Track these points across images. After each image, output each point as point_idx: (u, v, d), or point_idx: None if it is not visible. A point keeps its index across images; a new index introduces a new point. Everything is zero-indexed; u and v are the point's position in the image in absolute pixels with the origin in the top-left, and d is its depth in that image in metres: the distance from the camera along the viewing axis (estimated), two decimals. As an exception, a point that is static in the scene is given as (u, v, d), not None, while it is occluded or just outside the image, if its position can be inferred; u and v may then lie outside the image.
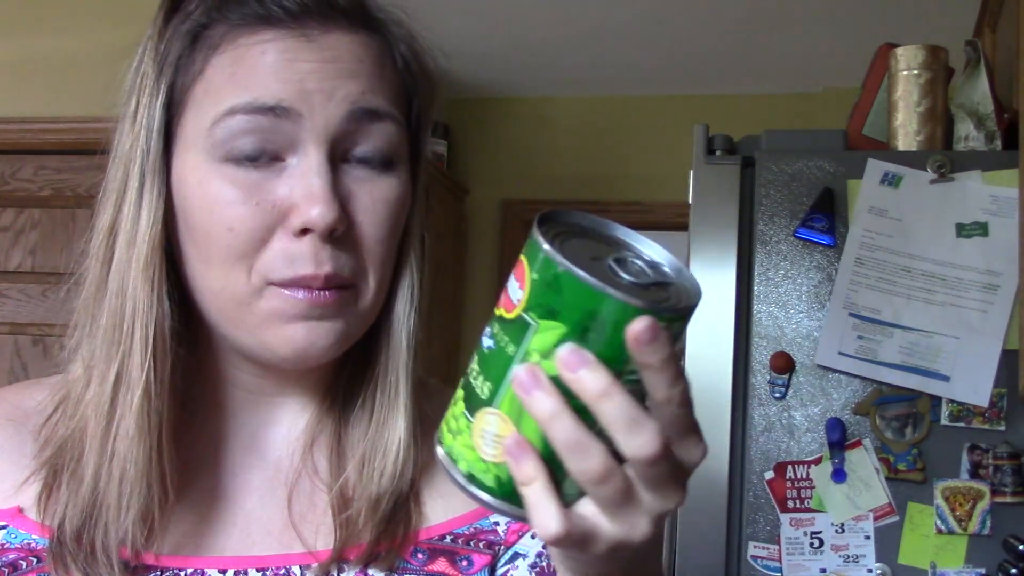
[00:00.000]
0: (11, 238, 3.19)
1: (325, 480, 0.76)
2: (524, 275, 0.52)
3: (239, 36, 0.71)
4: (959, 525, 1.77)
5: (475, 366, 0.53)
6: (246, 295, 0.70)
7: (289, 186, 0.69)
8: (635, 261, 0.53)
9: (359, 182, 0.71)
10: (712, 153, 1.95)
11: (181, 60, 0.72)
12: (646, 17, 3.21)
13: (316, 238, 0.69)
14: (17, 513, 0.71)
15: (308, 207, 0.68)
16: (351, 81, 0.71)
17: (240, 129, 0.69)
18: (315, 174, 0.69)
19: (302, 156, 0.70)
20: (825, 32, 3.21)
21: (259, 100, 0.69)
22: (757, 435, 1.85)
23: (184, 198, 0.71)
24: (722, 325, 1.90)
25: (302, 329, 0.70)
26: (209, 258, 0.70)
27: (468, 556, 0.77)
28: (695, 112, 3.35)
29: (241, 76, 0.70)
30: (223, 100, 0.70)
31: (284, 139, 0.69)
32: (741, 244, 1.91)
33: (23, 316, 3.13)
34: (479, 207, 3.92)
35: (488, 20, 3.27)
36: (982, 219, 1.82)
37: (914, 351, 1.80)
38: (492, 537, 0.78)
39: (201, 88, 0.71)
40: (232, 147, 0.69)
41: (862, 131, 2.01)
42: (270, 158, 0.70)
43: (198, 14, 0.72)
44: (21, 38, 3.26)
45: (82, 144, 3.16)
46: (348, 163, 0.71)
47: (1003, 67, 2.06)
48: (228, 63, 0.70)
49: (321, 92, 0.69)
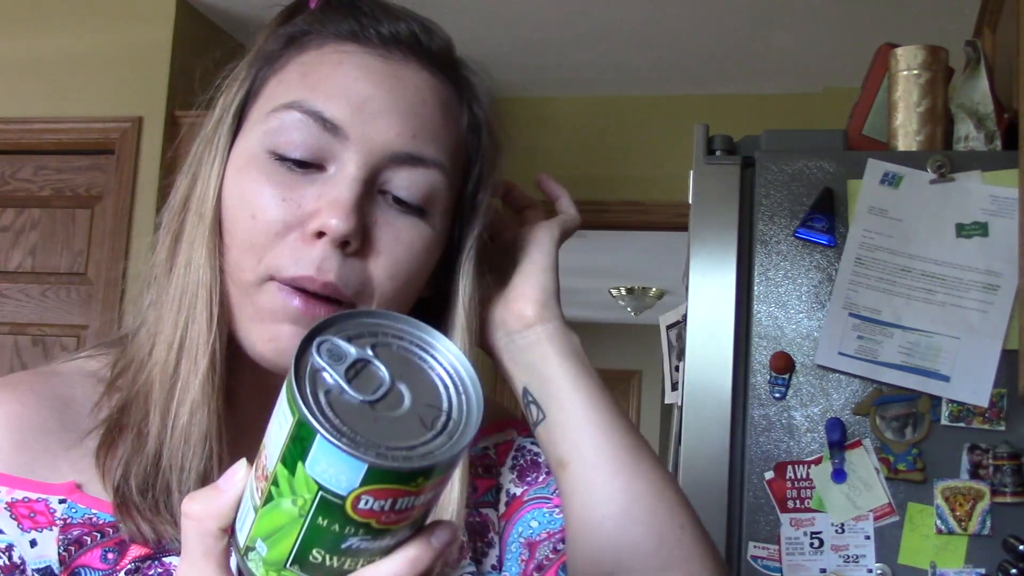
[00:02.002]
0: (11, 238, 3.19)
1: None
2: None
3: (326, 44, 0.75)
4: (959, 525, 1.77)
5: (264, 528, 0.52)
6: (249, 284, 0.72)
7: (319, 193, 0.71)
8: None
9: (388, 217, 0.73)
10: (712, 153, 1.95)
11: (271, 56, 0.76)
12: (646, 17, 3.21)
13: (328, 245, 0.70)
14: (75, 488, 0.72)
15: (329, 214, 0.70)
16: (410, 119, 0.73)
17: (292, 126, 0.71)
18: (346, 186, 0.70)
19: (339, 169, 0.72)
20: (825, 32, 3.21)
21: (316, 106, 0.71)
22: (757, 435, 1.85)
23: (230, 178, 0.74)
24: (722, 325, 1.90)
25: (287, 332, 0.71)
26: (231, 240, 0.73)
27: (472, 483, 0.81)
28: (695, 112, 3.35)
29: (311, 77, 0.73)
30: (289, 94, 0.73)
31: (329, 151, 0.71)
32: (741, 244, 1.91)
33: (23, 316, 3.13)
34: (479, 207, 3.92)
35: (488, 20, 3.27)
36: (982, 219, 1.82)
37: (914, 351, 1.80)
38: (487, 461, 0.84)
39: (276, 80, 0.75)
40: (279, 141, 0.72)
41: (862, 131, 2.01)
42: (311, 166, 0.72)
43: (302, 22, 0.77)
44: (21, 38, 3.26)
45: (82, 144, 3.16)
46: (383, 196, 0.73)
47: (1003, 67, 2.06)
48: (307, 63, 0.74)
49: (376, 121, 0.72)
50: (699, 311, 1.92)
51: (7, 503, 0.70)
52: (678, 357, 2.35)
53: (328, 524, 0.49)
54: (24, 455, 0.72)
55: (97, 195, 3.15)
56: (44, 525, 0.71)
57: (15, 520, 0.70)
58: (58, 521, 0.71)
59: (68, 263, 3.13)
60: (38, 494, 0.71)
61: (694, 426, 1.89)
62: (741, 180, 1.93)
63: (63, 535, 0.70)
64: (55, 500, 0.71)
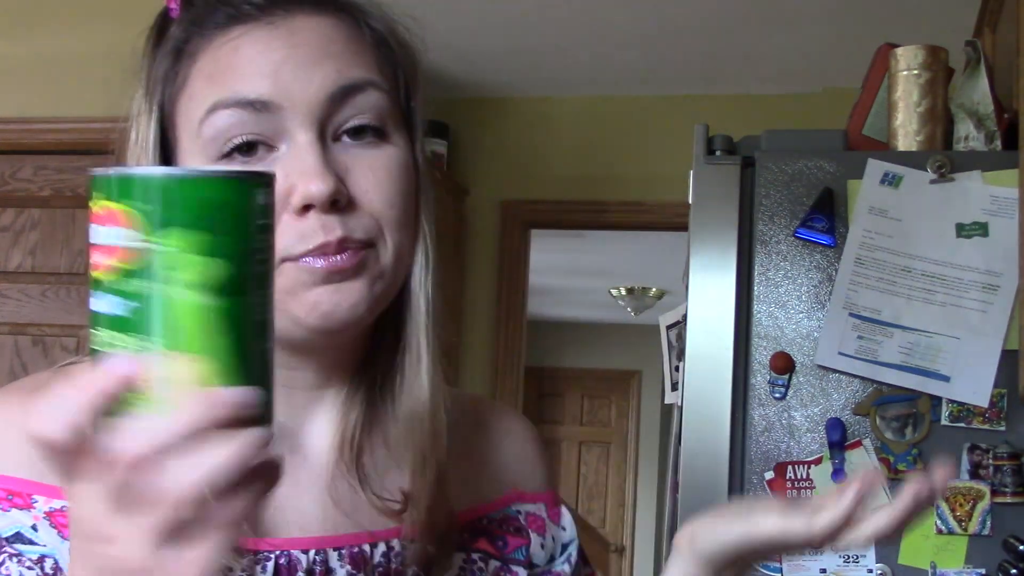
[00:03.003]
0: (11, 238, 3.19)
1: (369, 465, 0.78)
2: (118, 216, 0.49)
3: (213, 39, 0.73)
4: (959, 525, 1.77)
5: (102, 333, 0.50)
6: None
7: (284, 171, 0.70)
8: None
9: (355, 157, 0.73)
10: (712, 153, 1.95)
11: (167, 77, 0.75)
12: (646, 17, 3.21)
13: (319, 212, 0.70)
14: None
15: (305, 184, 0.70)
16: (325, 62, 0.72)
17: (225, 124, 0.71)
18: (305, 153, 0.70)
19: (290, 142, 0.71)
20: (825, 32, 3.21)
21: (239, 94, 0.71)
22: (757, 435, 1.85)
23: None
24: (722, 325, 1.90)
25: (324, 293, 0.71)
26: None
27: (503, 537, 0.82)
28: (695, 112, 3.35)
29: (218, 75, 0.72)
30: (205, 101, 0.72)
31: (271, 130, 0.71)
32: (741, 244, 1.91)
33: (23, 316, 3.13)
34: (479, 207, 3.92)
35: (488, 20, 3.27)
36: (982, 219, 1.82)
37: (914, 351, 1.80)
38: (518, 524, 0.84)
39: (185, 97, 0.74)
40: (222, 143, 0.71)
41: (862, 131, 2.01)
42: (262, 149, 0.71)
43: (178, 32, 0.75)
44: (21, 38, 3.26)
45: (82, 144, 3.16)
46: (340, 141, 0.73)
47: (1003, 67, 2.06)
48: (205, 67, 0.73)
49: (297, 80, 0.71)
50: (699, 311, 1.92)
51: (47, 512, 0.70)
52: (678, 357, 2.36)
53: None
54: None
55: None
56: None
57: (55, 529, 0.69)
58: None
59: (68, 263, 3.13)
60: None
61: (694, 426, 1.89)
62: (741, 180, 1.93)
63: None
64: None
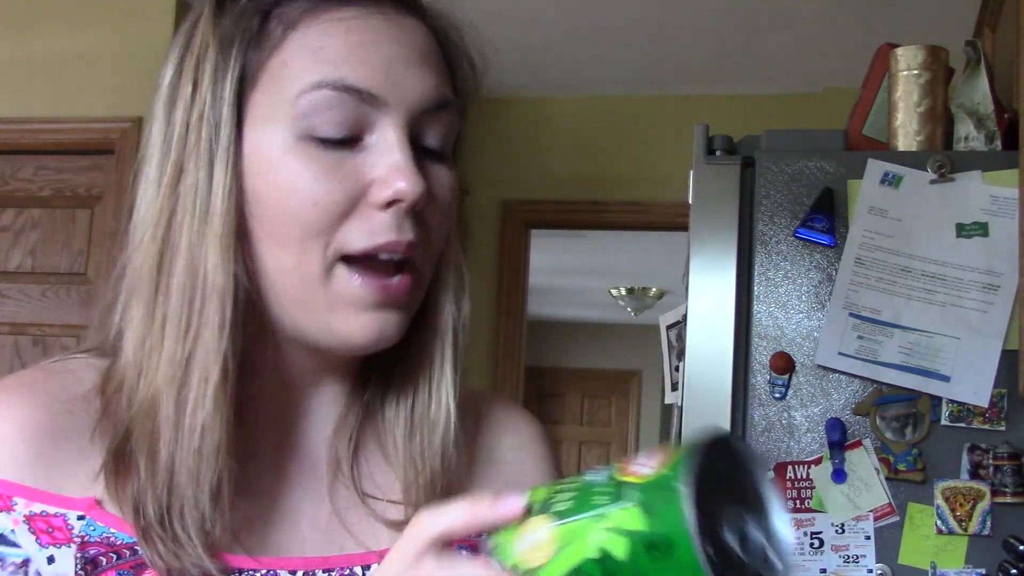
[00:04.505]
0: (11, 238, 3.19)
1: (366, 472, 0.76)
2: (656, 470, 0.53)
3: (319, 12, 0.71)
4: (959, 525, 1.77)
5: (571, 482, 0.56)
6: (318, 274, 0.70)
7: (371, 163, 0.70)
8: (753, 534, 0.54)
9: (429, 169, 0.72)
10: (712, 153, 1.95)
11: (253, 36, 0.71)
12: (646, 17, 3.21)
13: (400, 210, 0.69)
14: (94, 504, 0.69)
15: (395, 179, 0.69)
16: (429, 69, 0.72)
17: (326, 104, 0.69)
18: (398, 150, 0.70)
19: (381, 135, 0.70)
20: (825, 32, 3.21)
21: (348, 80, 0.69)
22: (757, 435, 1.85)
23: (259, 174, 0.70)
24: (722, 325, 1.90)
25: (375, 320, 0.71)
26: (285, 235, 0.70)
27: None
28: (695, 112, 3.35)
29: (328, 52, 0.70)
30: (308, 73, 0.70)
31: (365, 121, 0.70)
32: (741, 244, 1.91)
33: (23, 316, 3.13)
34: (479, 207, 3.92)
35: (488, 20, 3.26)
36: (982, 219, 1.82)
37: (914, 351, 1.80)
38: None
39: (278, 62, 0.71)
40: (315, 122, 0.69)
41: (862, 131, 2.01)
42: (351, 140, 0.70)
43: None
44: (22, 38, 3.26)
45: (82, 144, 3.16)
46: (418, 151, 0.72)
47: (1003, 67, 2.06)
48: (311, 38, 0.70)
49: (405, 78, 0.71)
50: (699, 311, 1.92)
51: (26, 516, 0.68)
52: (678, 357, 2.35)
53: None
54: (41, 464, 0.69)
55: (97, 195, 3.15)
56: (62, 541, 0.68)
57: (33, 534, 0.68)
58: (76, 538, 0.68)
59: (68, 263, 3.13)
60: (57, 508, 0.69)
61: (694, 426, 1.89)
62: (741, 180, 1.93)
63: (80, 553, 0.68)
64: (74, 516, 0.69)
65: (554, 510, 0.55)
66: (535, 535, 0.54)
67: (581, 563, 0.52)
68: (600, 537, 0.52)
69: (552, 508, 0.55)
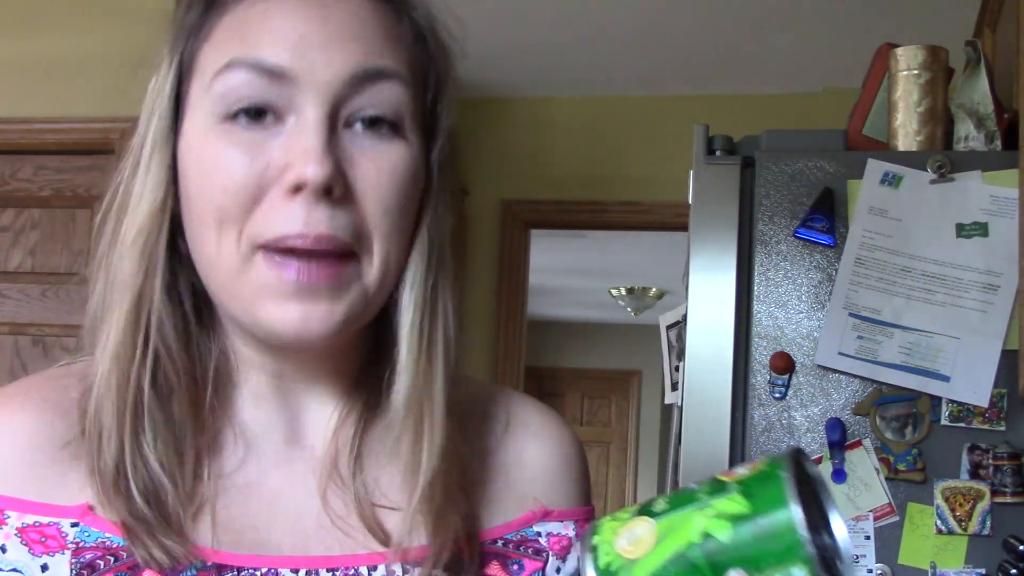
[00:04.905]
0: (11, 238, 3.19)
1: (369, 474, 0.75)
2: (753, 468, 0.55)
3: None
4: (959, 525, 1.77)
5: (668, 493, 0.57)
6: (237, 263, 0.68)
7: (285, 145, 0.67)
8: (826, 540, 0.55)
9: (363, 148, 0.69)
10: (712, 153, 1.95)
11: (193, 28, 0.72)
12: (646, 17, 3.21)
13: (309, 197, 0.66)
14: (87, 510, 0.69)
15: (302, 164, 0.66)
16: (354, 43, 0.69)
17: (238, 83, 0.68)
18: (310, 131, 0.67)
19: (299, 115, 0.68)
20: (825, 32, 3.21)
21: (258, 58, 0.68)
22: (757, 435, 1.85)
23: (185, 163, 0.70)
24: (722, 325, 1.90)
25: (295, 310, 0.68)
26: (204, 222, 0.69)
27: (519, 560, 0.77)
28: (695, 112, 3.35)
29: (243, 34, 0.69)
30: (223, 56, 0.69)
31: (283, 100, 0.68)
32: (741, 244, 1.91)
33: (23, 316, 3.13)
34: (479, 207, 3.92)
35: (488, 20, 3.27)
36: (982, 219, 1.82)
37: (914, 351, 1.80)
38: (537, 545, 0.79)
39: (207, 50, 0.71)
40: (230, 102, 0.68)
41: (862, 131, 2.01)
42: (270, 118, 0.68)
43: None
44: (21, 38, 3.26)
45: (82, 144, 3.16)
46: (351, 128, 0.69)
47: (1003, 67, 2.06)
48: (233, 24, 0.70)
49: (319, 56, 0.68)
50: (699, 311, 1.92)
51: (18, 528, 0.68)
52: (678, 357, 2.35)
53: None
54: (33, 474, 0.69)
55: (97, 195, 3.14)
56: (56, 549, 0.68)
57: (26, 546, 0.68)
58: (70, 545, 0.68)
59: (68, 263, 3.13)
60: (49, 518, 0.69)
61: (694, 426, 1.89)
62: (741, 180, 1.93)
63: (75, 559, 0.68)
64: (67, 524, 0.69)
65: (653, 510, 0.56)
66: (635, 531, 0.55)
67: (685, 547, 0.53)
68: (703, 522, 0.53)
69: (650, 509, 0.56)
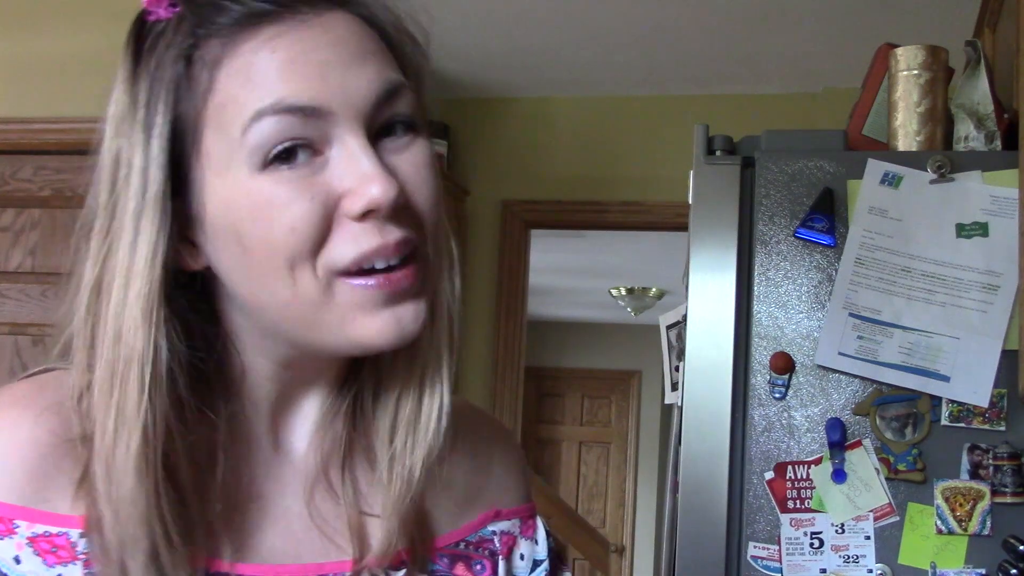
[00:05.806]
0: (11, 238, 3.18)
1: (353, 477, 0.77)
2: None
3: (239, 42, 0.68)
4: (959, 525, 1.77)
5: None
6: (318, 295, 0.69)
7: (338, 175, 0.68)
8: None
9: (396, 154, 0.71)
10: (712, 153, 1.95)
11: (180, 88, 0.69)
12: (646, 17, 3.21)
13: (379, 217, 0.68)
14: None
15: (366, 188, 0.67)
16: (365, 64, 0.70)
17: (272, 131, 0.67)
18: (361, 156, 0.68)
19: (340, 145, 0.68)
20: (825, 32, 3.21)
21: (285, 101, 0.67)
22: (757, 435, 1.85)
23: (235, 220, 0.69)
24: (722, 325, 1.90)
25: (388, 317, 0.69)
26: (271, 268, 0.68)
27: (481, 561, 0.81)
28: (695, 112, 3.35)
29: (258, 80, 0.67)
30: (247, 107, 0.67)
31: (318, 134, 0.68)
32: (741, 244, 1.91)
33: (23, 316, 3.13)
34: (479, 207, 3.92)
35: (488, 20, 3.27)
36: (982, 219, 1.82)
37: (914, 351, 1.80)
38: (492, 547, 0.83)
39: (215, 107, 0.68)
40: (270, 150, 0.67)
41: (862, 131, 2.01)
42: (307, 152, 0.68)
43: (180, 39, 0.69)
44: (21, 38, 3.26)
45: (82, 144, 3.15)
46: (380, 140, 0.71)
47: (1003, 67, 2.06)
48: (239, 71, 0.68)
49: (345, 83, 0.68)
50: (699, 311, 1.92)
51: (29, 538, 0.68)
52: (678, 357, 2.35)
53: None
54: (37, 483, 0.69)
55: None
56: (68, 559, 0.68)
57: (39, 556, 0.68)
58: (81, 555, 0.69)
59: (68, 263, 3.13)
60: (58, 528, 0.69)
61: (694, 426, 1.89)
62: (741, 180, 1.93)
63: (87, 569, 0.69)
64: (75, 534, 0.69)
65: None
66: None
67: None
68: None
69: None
